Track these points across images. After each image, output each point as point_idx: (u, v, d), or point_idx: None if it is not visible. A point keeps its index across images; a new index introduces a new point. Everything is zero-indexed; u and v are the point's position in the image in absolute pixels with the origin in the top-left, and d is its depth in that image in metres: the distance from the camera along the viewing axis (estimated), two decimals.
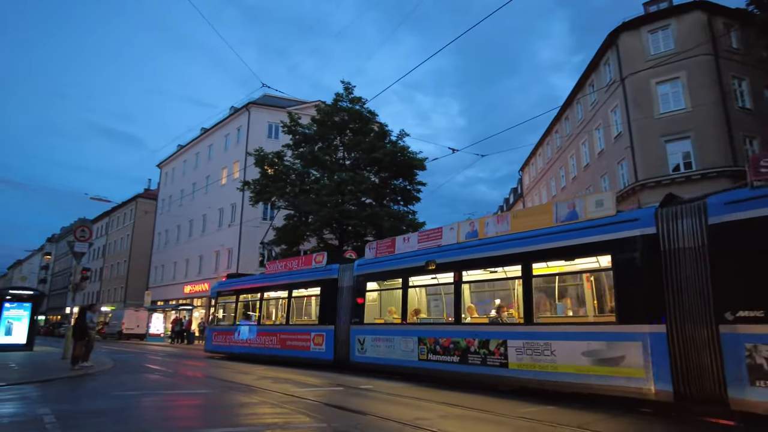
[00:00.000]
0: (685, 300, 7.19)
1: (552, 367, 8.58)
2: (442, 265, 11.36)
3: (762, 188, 6.68)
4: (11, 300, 20.62)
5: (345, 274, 14.50)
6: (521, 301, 9.55)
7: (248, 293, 19.07)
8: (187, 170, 47.32)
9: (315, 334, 14.85)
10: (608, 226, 8.40)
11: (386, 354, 12.26)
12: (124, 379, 11.83)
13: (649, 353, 7.32)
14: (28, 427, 6.17)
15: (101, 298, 59.89)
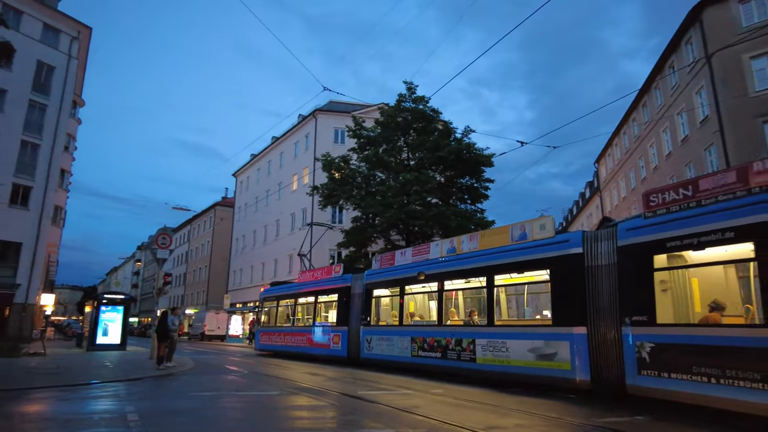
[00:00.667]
0: (600, 307, 8.94)
1: (507, 362, 10.51)
2: (429, 276, 13.43)
3: (651, 218, 8.39)
4: (106, 304, 22.38)
5: (356, 283, 16.78)
6: (485, 307, 11.54)
7: (285, 299, 21.78)
8: (260, 178, 49.31)
9: (333, 334, 17.25)
10: (547, 246, 10.27)
11: (388, 351, 14.43)
12: (204, 379, 12.35)
13: (574, 350, 9.12)
14: (114, 424, 6.52)
15: (185, 302, 63.77)
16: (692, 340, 7.38)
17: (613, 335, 8.62)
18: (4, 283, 28.43)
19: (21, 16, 30.03)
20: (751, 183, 7.25)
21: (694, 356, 7.25)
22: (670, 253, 8.06)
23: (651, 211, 8.51)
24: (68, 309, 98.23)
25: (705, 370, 7.08)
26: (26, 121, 30.27)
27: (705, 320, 7.54)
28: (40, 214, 30.23)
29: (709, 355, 7.07)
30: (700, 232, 7.49)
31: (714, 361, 6.99)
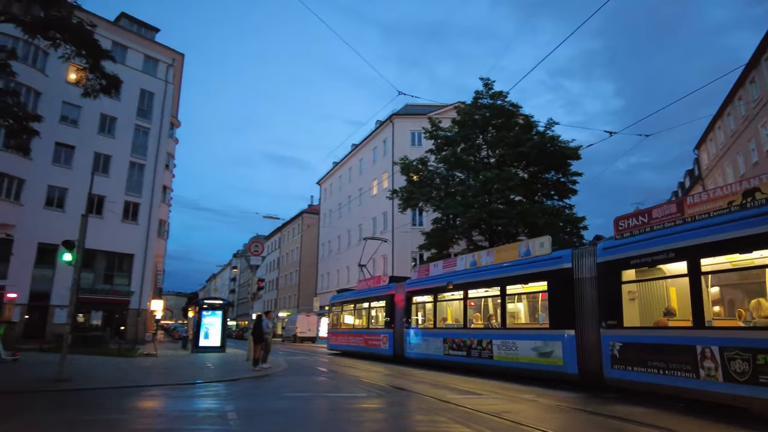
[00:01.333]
0: (585, 313, 10.76)
1: (516, 359, 12.61)
2: (456, 286, 15.69)
3: (619, 240, 10.19)
4: (207, 308, 24.02)
5: (399, 291, 19.31)
6: (500, 312, 13.66)
7: (347, 304, 24.68)
8: (342, 185, 50.69)
9: (382, 335, 19.87)
10: (544, 261, 12.27)
11: (425, 350, 16.84)
12: (296, 380, 12.84)
13: (566, 349, 11.08)
14: (215, 422, 6.96)
15: (278, 305, 66.95)
16: (646, 340, 9.20)
17: (594, 336, 10.43)
18: (121, 291, 31.61)
19: (126, 51, 33.32)
20: (685, 213, 9.12)
21: (648, 353, 9.00)
22: (633, 268, 9.79)
23: (619, 234, 10.44)
24: (174, 314, 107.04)
25: (654, 363, 8.82)
26: (133, 143, 33.59)
27: (657, 324, 9.25)
28: (148, 228, 33.29)
29: (657, 351, 8.82)
30: (652, 252, 9.31)
31: (660, 356, 8.72)
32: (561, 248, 12.68)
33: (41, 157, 27.17)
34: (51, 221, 28.45)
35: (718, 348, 7.73)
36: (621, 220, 10.46)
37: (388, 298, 19.96)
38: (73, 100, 29.43)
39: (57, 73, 29.13)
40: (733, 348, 7.49)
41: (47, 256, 28.55)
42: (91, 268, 30.24)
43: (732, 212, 8.24)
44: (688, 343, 8.23)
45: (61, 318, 28.44)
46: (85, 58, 13.19)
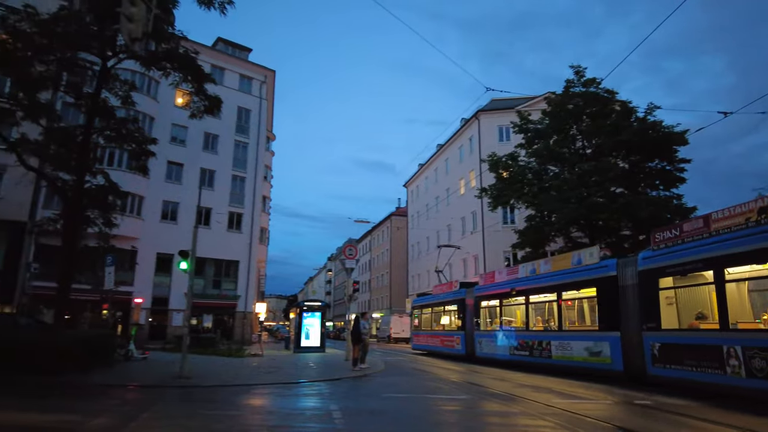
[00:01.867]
0: (628, 316, 11.96)
1: (571, 358, 13.90)
2: (518, 291, 17.15)
3: (657, 251, 11.40)
4: (306, 310, 25.11)
5: (469, 295, 20.88)
6: (557, 315, 15.03)
7: (426, 308, 26.46)
8: (429, 186, 50.67)
9: (456, 336, 21.53)
10: (593, 270, 13.51)
11: (493, 350, 18.24)
12: (395, 380, 13.01)
13: (613, 349, 12.24)
14: (322, 420, 7.25)
15: (371, 306, 68.36)
16: (681, 341, 10.28)
17: (637, 337, 11.55)
18: (229, 295, 34.11)
19: (223, 72, 35.97)
20: (711, 228, 10.06)
21: (683, 352, 10.05)
22: (668, 276, 10.95)
23: (656, 245, 11.58)
24: (276, 315, 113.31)
25: (689, 361, 9.86)
26: (234, 158, 36.20)
27: (690, 326, 10.35)
28: (251, 236, 35.67)
29: (690, 350, 9.88)
30: (683, 262, 10.50)
31: (693, 355, 9.78)
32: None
33: (156, 175, 30.04)
34: (166, 233, 31.43)
35: (740, 347, 8.77)
36: (657, 232, 11.77)
37: (459, 302, 21.65)
38: (180, 122, 32.45)
39: (166, 99, 32.27)
40: (753, 347, 8.53)
41: (165, 264, 31.62)
42: (202, 274, 32.93)
43: (749, 227, 9.15)
44: (715, 343, 9.34)
45: (178, 321, 31.30)
46: (191, 83, 14.43)
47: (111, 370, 13.34)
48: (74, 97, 15.30)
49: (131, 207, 30.16)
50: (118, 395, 9.71)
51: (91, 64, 14.71)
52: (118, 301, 26.33)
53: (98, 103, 14.44)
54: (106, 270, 19.46)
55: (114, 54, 13.96)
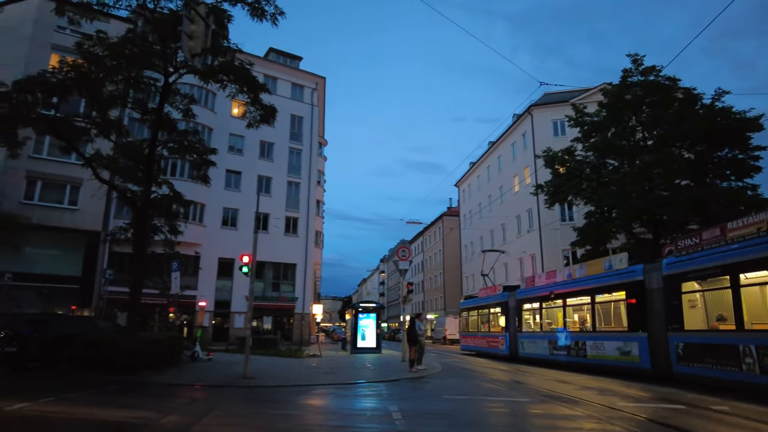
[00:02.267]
0: (655, 318, 12.99)
1: (603, 357, 14.87)
2: (556, 295, 18.20)
3: (679, 257, 12.33)
4: (362, 311, 25.37)
5: (511, 299, 22.15)
6: (590, 317, 16.02)
7: (473, 310, 27.68)
8: (481, 185, 49.91)
9: (500, 338, 22.68)
10: (622, 274, 14.54)
11: (534, 350, 19.38)
12: (453, 383, 12.91)
13: (641, 348, 13.25)
14: (383, 421, 7.31)
15: (425, 307, 68.14)
16: (702, 341, 11.04)
17: (663, 338, 12.43)
18: (288, 297, 35.08)
19: (276, 81, 37.09)
20: (727, 236, 10.92)
21: (704, 351, 10.83)
22: (690, 281, 11.86)
23: (678, 252, 12.48)
24: (332, 317, 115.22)
25: (710, 360, 10.61)
26: (288, 165, 37.31)
27: (710, 327, 11.10)
28: (306, 239, 36.57)
29: (711, 350, 10.64)
30: (703, 268, 11.32)
31: (713, 354, 10.51)
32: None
33: (216, 183, 31.36)
34: (227, 238, 32.77)
35: (754, 347, 9.51)
36: (680, 240, 12.79)
37: (502, 305, 22.88)
38: (237, 132, 33.91)
39: (223, 110, 33.75)
40: (765, 346, 9.31)
41: (226, 268, 32.99)
42: (262, 277, 34.06)
43: (760, 236, 9.90)
44: (732, 342, 10.11)
45: (239, 323, 32.52)
46: (246, 93, 14.96)
47: (179, 371, 14.05)
48: (140, 113, 16.27)
49: (194, 214, 31.63)
50: (187, 394, 10.21)
51: (155, 80, 15.59)
52: (184, 305, 27.70)
53: (162, 117, 15.28)
54: (172, 275, 20.53)
55: (175, 70, 14.72)
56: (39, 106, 14.56)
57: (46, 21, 27.67)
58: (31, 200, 26.29)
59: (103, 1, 13.42)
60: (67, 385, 10.53)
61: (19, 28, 28.79)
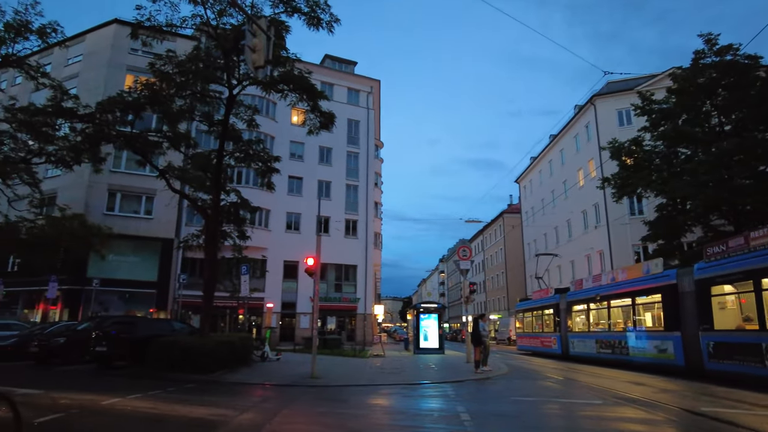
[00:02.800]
0: (687, 318, 14.17)
1: (643, 354, 16.15)
2: (601, 297, 19.40)
3: (709, 262, 13.47)
4: (423, 312, 25.34)
5: (562, 301, 23.36)
6: (631, 318, 17.33)
7: (527, 312, 28.98)
8: (543, 180, 48.45)
9: (552, 337, 23.87)
10: (658, 278, 15.80)
11: (583, 349, 20.55)
12: (520, 384, 12.63)
13: (675, 347, 14.52)
14: (451, 422, 7.28)
15: (488, 308, 66.96)
16: (730, 340, 12.19)
17: (695, 337, 13.33)
18: (349, 298, 35.68)
19: (332, 87, 37.87)
20: (750, 245, 12.13)
21: (732, 349, 11.95)
22: (718, 285, 12.94)
23: (707, 258, 13.61)
24: (393, 317, 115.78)
25: (737, 357, 11.72)
26: (347, 168, 38.03)
27: (737, 328, 12.23)
28: (366, 241, 37.07)
29: (737, 348, 11.78)
30: (729, 273, 12.54)
31: (740, 351, 11.65)
32: None
33: (279, 189, 32.43)
34: (291, 242, 33.82)
35: None
36: (708, 247, 13.95)
37: (554, 306, 24.07)
38: (297, 139, 34.97)
39: (283, 118, 34.96)
40: None
41: (291, 271, 34.05)
42: (324, 279, 34.83)
43: None
44: (756, 341, 11.11)
45: (305, 323, 33.43)
46: (306, 101, 15.41)
47: (250, 370, 14.65)
48: (207, 125, 17.15)
49: (260, 220, 32.89)
50: (259, 393, 10.64)
51: (219, 93, 16.39)
52: (252, 307, 28.86)
53: (227, 128, 16.03)
54: (241, 278, 21.43)
55: (238, 82, 15.41)
56: (117, 124, 15.72)
57: (121, 45, 29.89)
58: (112, 211, 28.40)
59: (171, 22, 14.27)
60: (150, 382, 11.27)
61: (99, 53, 31.20)
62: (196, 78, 14.80)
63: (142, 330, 15.06)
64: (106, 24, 31.83)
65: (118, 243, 26.51)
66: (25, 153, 19.14)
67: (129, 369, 13.74)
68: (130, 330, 14.80)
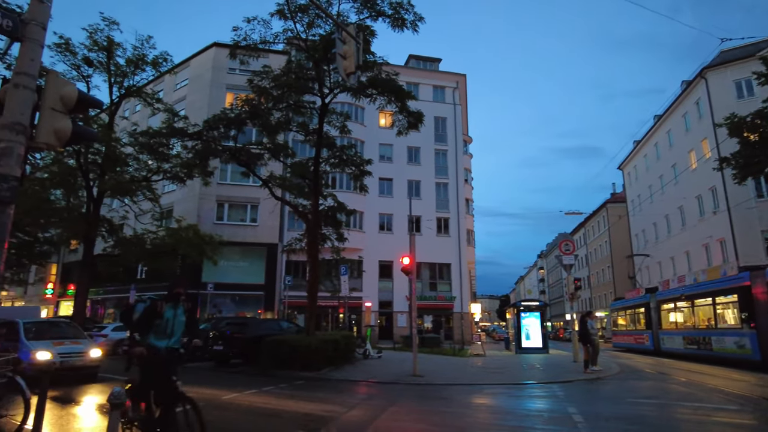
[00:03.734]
0: (761, 316, 15.53)
1: (723, 350, 17.85)
2: (686, 296, 21.20)
3: None
4: (524, 310, 24.53)
5: (651, 300, 24.79)
6: (713, 316, 19.10)
7: (620, 311, 31.19)
8: (649, 165, 44.74)
9: (644, 335, 25.49)
10: (733, 280, 17.70)
11: (672, 345, 22.00)
12: (637, 385, 11.76)
13: (752, 342, 15.79)
14: (563, 424, 6.96)
15: (593, 305, 63.16)
16: None
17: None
18: (445, 297, 35.48)
19: (418, 87, 37.91)
20: None
21: None
22: None
23: None
24: (490, 316, 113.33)
25: None
26: (435, 166, 37.87)
27: None
28: (458, 239, 36.66)
29: None
30: None
31: None
32: None
33: (371, 191, 33.17)
34: (384, 242, 34.40)
35: None
36: None
37: (645, 305, 25.40)
38: (386, 141, 35.54)
39: (371, 122, 35.70)
40: None
41: (386, 270, 34.62)
42: (419, 278, 34.95)
43: None
44: None
45: (402, 322, 33.79)
46: (394, 103, 15.59)
47: (354, 368, 15.09)
48: (303, 134, 17.96)
49: (354, 222, 33.83)
50: (364, 390, 10.91)
51: (312, 103, 17.11)
52: (352, 306, 29.73)
53: (322, 136, 16.68)
54: (341, 279, 22.16)
55: (330, 91, 15.98)
56: (222, 139, 17.00)
57: (221, 66, 32.31)
58: (221, 220, 30.74)
59: (265, 39, 15.16)
60: (263, 379, 12.02)
61: (202, 76, 34.00)
62: (290, 90, 15.57)
63: (253, 330, 16.11)
64: (206, 48, 34.58)
65: (228, 249, 28.60)
66: (146, 172, 21.38)
67: (243, 366, 14.77)
68: (243, 330, 15.90)
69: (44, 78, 4.36)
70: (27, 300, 40.47)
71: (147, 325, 5.16)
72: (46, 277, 39.58)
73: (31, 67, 3.97)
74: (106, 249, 22.80)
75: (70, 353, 10.79)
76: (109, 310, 35.67)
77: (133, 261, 22.90)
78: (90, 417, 7.58)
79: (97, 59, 20.02)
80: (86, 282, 20.37)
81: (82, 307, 20.22)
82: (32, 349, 10.10)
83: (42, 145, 4.02)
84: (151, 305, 5.21)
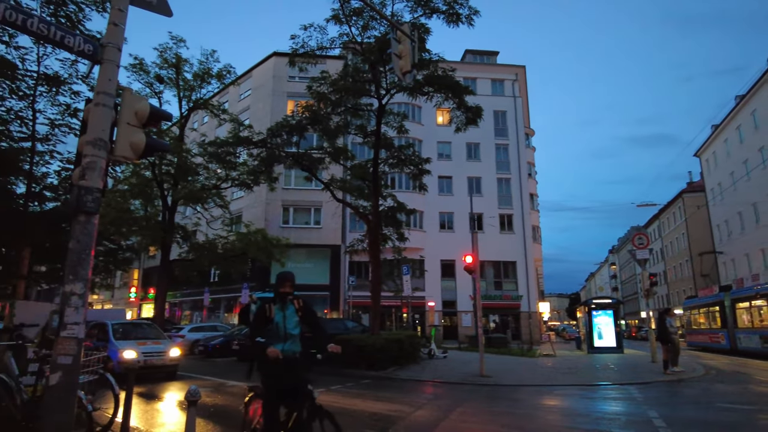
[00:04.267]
0: None
1: None
2: (761, 296, 21.43)
3: None
4: (596, 308, 23.49)
5: (726, 298, 24.62)
6: None
7: (695, 309, 30.29)
8: (731, 150, 41.44)
9: (720, 333, 25.15)
10: None
11: (749, 344, 21.91)
12: (723, 388, 10.92)
13: None
14: (643, 427, 6.58)
15: (671, 301, 59.35)
16: None
17: None
18: (511, 296, 34.63)
19: (475, 81, 37.28)
20: None
21: None
22: None
23: None
24: (560, 315, 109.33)
25: None
26: (496, 162, 37.02)
27: None
28: (523, 235, 35.64)
29: None
30: None
31: None
32: None
33: (430, 190, 33.02)
34: (446, 241, 34.09)
35: None
36: None
37: (719, 304, 25.28)
38: (444, 139, 35.21)
39: (428, 121, 35.50)
40: None
41: (448, 270, 34.32)
42: (483, 276, 34.33)
43: None
44: None
45: (467, 321, 33.35)
46: (451, 99, 15.42)
47: (419, 367, 15.05)
48: (362, 137, 18.18)
49: (414, 222, 33.81)
50: (430, 390, 10.86)
51: (370, 106, 17.28)
52: (415, 306, 29.70)
53: (380, 137, 16.81)
54: (403, 278, 22.22)
55: (386, 91, 16.07)
56: (285, 145, 17.55)
57: (281, 75, 33.39)
58: (287, 224, 31.76)
59: (321, 45, 15.49)
60: (331, 378, 12.26)
61: (264, 85, 35.30)
62: (348, 94, 15.82)
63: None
64: (266, 58, 35.86)
65: (294, 252, 29.48)
66: (216, 180, 22.49)
67: (312, 365, 15.12)
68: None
69: (120, 96, 4.69)
70: (114, 303, 43.79)
71: (260, 328, 4.80)
72: (129, 282, 42.68)
73: (109, 86, 4.27)
74: (181, 254, 24.22)
75: (152, 352, 11.56)
76: (185, 312, 37.89)
77: (206, 265, 24.15)
78: (171, 412, 8.06)
79: (167, 76, 21.35)
80: (164, 285, 21.72)
81: (161, 309, 21.60)
82: (119, 348, 10.91)
83: (120, 158, 4.32)
84: (261, 307, 4.82)
